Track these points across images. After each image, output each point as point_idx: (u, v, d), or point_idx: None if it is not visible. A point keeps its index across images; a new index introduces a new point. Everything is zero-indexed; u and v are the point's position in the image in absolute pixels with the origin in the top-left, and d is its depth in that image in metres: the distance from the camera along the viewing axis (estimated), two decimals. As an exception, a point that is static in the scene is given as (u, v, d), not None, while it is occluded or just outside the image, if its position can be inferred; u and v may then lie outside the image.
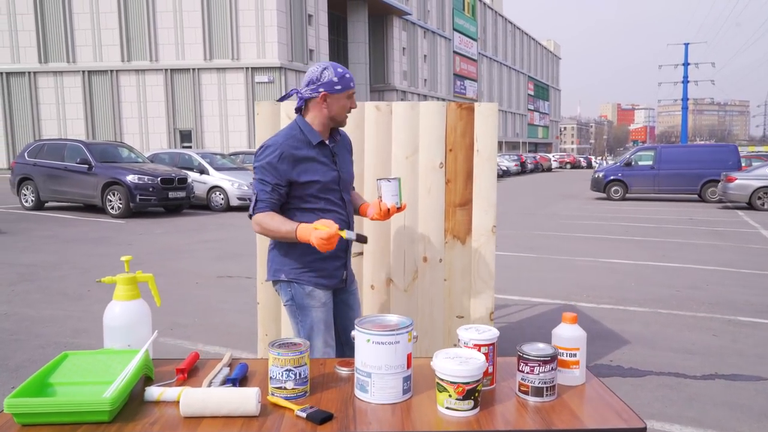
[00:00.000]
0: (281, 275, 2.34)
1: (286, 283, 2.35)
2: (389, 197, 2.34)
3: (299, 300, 2.34)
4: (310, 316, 2.32)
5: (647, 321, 5.02)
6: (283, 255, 2.34)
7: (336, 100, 2.28)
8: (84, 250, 8.35)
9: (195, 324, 4.82)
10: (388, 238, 3.00)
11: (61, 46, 38.69)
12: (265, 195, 2.24)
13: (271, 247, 2.40)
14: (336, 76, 2.26)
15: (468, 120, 2.98)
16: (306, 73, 2.32)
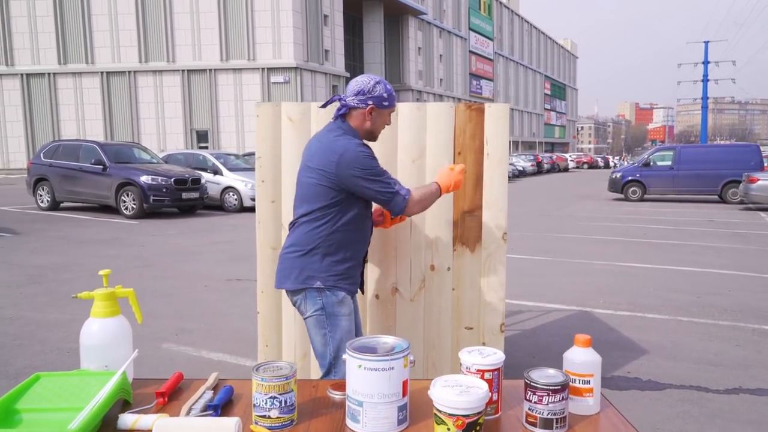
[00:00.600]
0: (315, 282, 2.27)
1: (316, 290, 2.27)
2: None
3: (330, 308, 2.28)
4: (340, 325, 2.28)
5: (667, 329, 4.84)
6: (319, 261, 2.27)
7: (380, 115, 2.32)
8: (95, 251, 8.32)
9: (200, 329, 4.73)
10: (393, 245, 2.87)
11: (80, 47, 39.07)
12: (397, 184, 2.26)
13: (299, 252, 2.29)
14: (386, 92, 2.30)
15: (478, 122, 2.84)
16: (354, 82, 2.31)
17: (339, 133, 2.25)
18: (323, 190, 2.21)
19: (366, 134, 2.33)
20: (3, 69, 39.23)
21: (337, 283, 2.27)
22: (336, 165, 2.17)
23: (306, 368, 2.91)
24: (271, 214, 2.88)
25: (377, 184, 2.20)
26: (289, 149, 2.84)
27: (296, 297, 2.31)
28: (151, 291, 6.01)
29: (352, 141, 2.22)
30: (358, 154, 2.17)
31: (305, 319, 2.33)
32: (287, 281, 2.31)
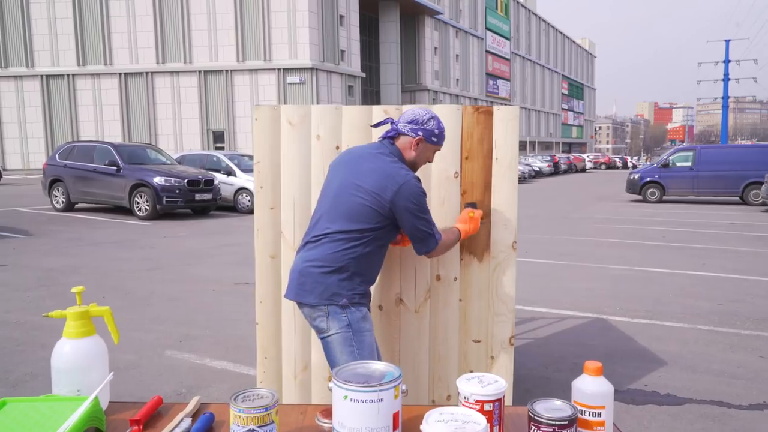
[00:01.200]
0: (341, 300, 2.20)
1: (341, 308, 2.21)
2: None
3: (356, 324, 2.22)
4: (366, 341, 2.23)
5: (686, 339, 4.66)
6: (347, 280, 2.23)
7: (425, 149, 2.34)
8: (106, 253, 8.30)
9: (205, 336, 4.64)
10: (397, 254, 2.75)
11: (98, 48, 39.45)
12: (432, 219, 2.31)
13: (328, 269, 2.22)
14: (438, 128, 2.32)
15: (486, 125, 2.71)
16: (410, 110, 2.35)
17: (394, 159, 2.26)
18: (372, 214, 2.19)
19: (408, 164, 2.32)
20: (23, 70, 39.74)
21: (362, 300, 2.27)
22: (395, 194, 2.18)
23: (306, 381, 2.80)
24: (270, 222, 2.77)
25: (421, 222, 2.23)
26: (289, 154, 2.73)
27: (318, 313, 2.22)
28: (159, 295, 5.95)
29: (411, 173, 2.23)
30: (416, 189, 2.20)
31: (327, 337, 2.23)
32: (309, 296, 2.22)
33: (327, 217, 2.25)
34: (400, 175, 2.18)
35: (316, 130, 2.71)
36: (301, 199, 2.72)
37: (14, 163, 39.82)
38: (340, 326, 2.20)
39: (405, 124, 2.30)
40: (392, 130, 2.31)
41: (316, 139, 2.71)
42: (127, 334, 4.67)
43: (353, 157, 2.30)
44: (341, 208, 2.22)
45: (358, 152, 2.32)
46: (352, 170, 2.25)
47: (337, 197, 2.24)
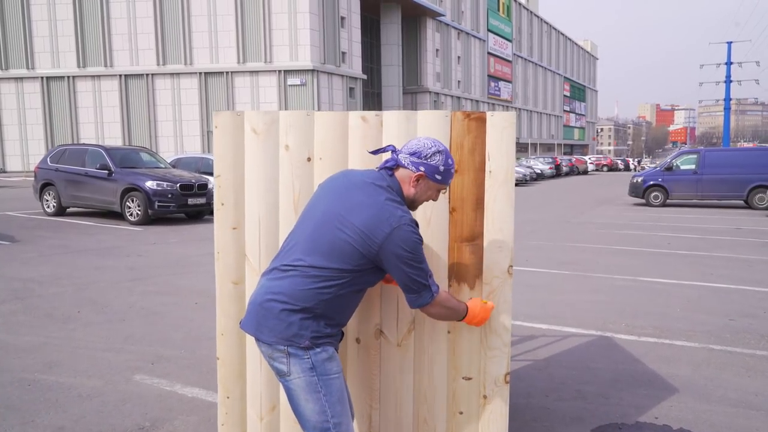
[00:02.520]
0: (303, 341, 1.94)
1: (303, 349, 1.94)
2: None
3: (321, 367, 1.96)
4: (334, 386, 1.98)
5: (698, 361, 4.33)
6: (312, 321, 1.96)
7: (428, 188, 2.11)
8: (90, 262, 7.98)
9: (179, 357, 4.32)
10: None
11: (98, 50, 39.25)
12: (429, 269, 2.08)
13: (291, 307, 1.94)
14: (443, 165, 2.08)
15: (478, 133, 2.39)
16: (416, 140, 2.10)
17: (391, 196, 2.02)
18: (355, 254, 1.93)
19: (406, 201, 2.10)
20: (24, 72, 39.53)
21: (328, 341, 2.00)
22: (385, 238, 1.91)
23: (274, 424, 2.47)
24: (233, 243, 2.44)
25: (414, 272, 2.00)
26: (254, 166, 2.40)
27: (277, 354, 1.95)
28: (138, 309, 5.63)
29: (407, 215, 1.99)
30: (411, 234, 1.96)
31: (288, 381, 1.96)
32: (267, 333, 1.95)
33: (302, 248, 1.96)
34: (394, 217, 1.92)
35: (285, 140, 2.39)
36: (268, 218, 2.40)
37: (14, 165, 39.63)
38: (302, 370, 1.93)
39: (406, 155, 2.07)
40: (392, 160, 2.09)
41: (285, 149, 2.39)
42: (96, 354, 4.35)
43: (346, 183, 2.03)
44: (321, 241, 1.94)
45: (352, 179, 2.04)
46: (342, 199, 1.98)
47: (319, 228, 1.96)
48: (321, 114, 2.39)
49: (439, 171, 2.05)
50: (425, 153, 2.04)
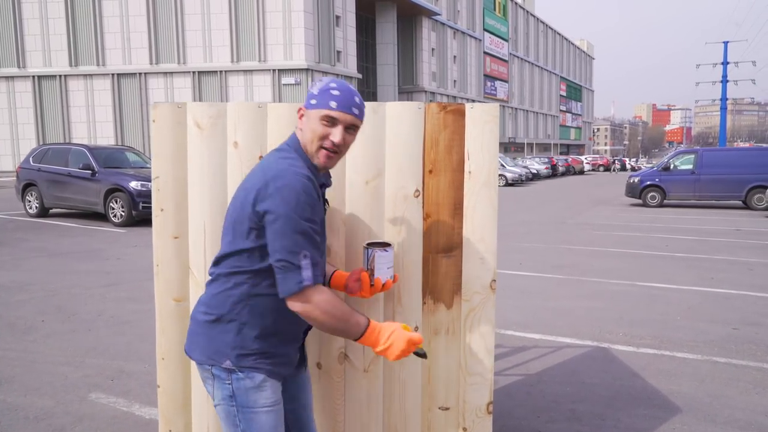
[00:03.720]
0: (224, 360, 1.61)
1: (225, 371, 1.61)
2: (384, 270, 1.87)
3: (243, 397, 1.61)
4: (257, 421, 1.61)
5: (701, 375, 4.02)
6: (233, 332, 1.61)
7: (308, 120, 1.65)
8: (66, 266, 7.65)
9: (143, 372, 3.99)
10: (340, 296, 2.11)
11: (91, 49, 38.84)
12: (317, 256, 1.57)
13: (209, 317, 1.62)
14: (320, 88, 1.64)
15: (456, 128, 2.08)
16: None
17: (285, 152, 1.64)
18: (242, 229, 1.56)
19: (306, 152, 1.67)
20: (15, 71, 39.09)
21: (255, 362, 1.63)
22: (257, 192, 1.52)
23: (223, 461, 2.16)
24: (174, 254, 2.13)
25: (283, 240, 1.50)
26: (198, 166, 2.09)
27: (204, 374, 1.66)
28: (107, 318, 5.30)
29: (294, 166, 1.56)
30: (292, 182, 1.52)
31: (216, 407, 1.68)
32: (195, 350, 1.67)
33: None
34: (273, 168, 1.54)
35: (233, 136, 2.07)
36: (214, 226, 2.08)
37: (5, 165, 39.16)
38: (222, 397, 1.63)
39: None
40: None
41: (233, 146, 2.08)
42: (53, 369, 4.02)
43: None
44: (224, 225, 1.65)
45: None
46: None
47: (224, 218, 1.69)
48: (275, 106, 2.07)
49: (314, 95, 1.63)
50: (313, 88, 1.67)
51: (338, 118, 1.60)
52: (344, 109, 1.60)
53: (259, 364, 1.62)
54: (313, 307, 1.52)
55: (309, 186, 1.53)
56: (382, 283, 1.85)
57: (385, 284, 1.86)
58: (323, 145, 1.61)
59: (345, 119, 1.61)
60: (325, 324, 1.55)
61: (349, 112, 1.61)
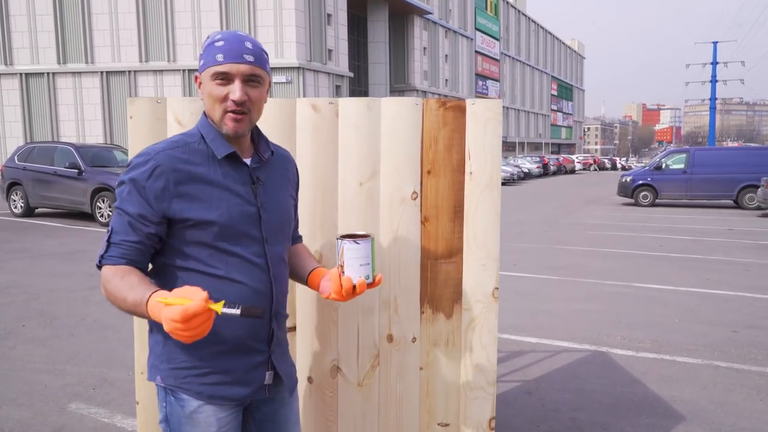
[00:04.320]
0: (157, 375, 1.43)
1: (162, 391, 1.43)
2: (356, 267, 1.48)
3: (175, 425, 1.41)
4: None
5: (703, 381, 3.92)
6: (160, 343, 1.43)
7: (204, 84, 1.42)
8: (50, 268, 7.45)
9: (126, 380, 3.83)
10: (332, 305, 1.98)
11: (79, 46, 38.42)
12: (121, 236, 1.37)
13: (149, 323, 1.45)
14: (205, 45, 1.43)
15: (456, 126, 1.94)
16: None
17: (179, 133, 1.48)
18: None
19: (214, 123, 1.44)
20: (2, 68, 38.63)
21: (186, 382, 1.40)
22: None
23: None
24: (154, 261, 1.98)
25: (115, 211, 1.40)
26: (179, 166, 1.94)
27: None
28: (90, 322, 5.13)
29: (159, 145, 1.41)
30: (134, 158, 1.41)
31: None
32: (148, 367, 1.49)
33: None
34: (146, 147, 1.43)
35: (217, 133, 1.93)
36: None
37: (-8, 163, 38.72)
38: (160, 418, 1.46)
39: None
40: None
41: (217, 145, 1.93)
42: (32, 377, 3.86)
43: None
44: None
45: None
46: None
47: None
48: (262, 101, 1.93)
49: (200, 55, 1.43)
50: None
51: (230, 72, 1.36)
52: (234, 59, 1.36)
53: (189, 384, 1.39)
54: (102, 287, 1.34)
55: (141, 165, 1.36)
56: (352, 284, 1.45)
57: (358, 285, 1.46)
58: (226, 108, 1.38)
59: (239, 71, 1.36)
60: (115, 305, 1.33)
61: (242, 61, 1.36)
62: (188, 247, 1.39)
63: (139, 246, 1.36)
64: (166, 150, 1.38)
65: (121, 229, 1.36)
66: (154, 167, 1.35)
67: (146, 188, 1.35)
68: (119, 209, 1.37)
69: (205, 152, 1.41)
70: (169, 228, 1.39)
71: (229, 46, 1.36)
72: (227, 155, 1.41)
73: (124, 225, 1.35)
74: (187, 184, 1.37)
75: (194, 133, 1.44)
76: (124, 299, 1.28)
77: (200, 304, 1.12)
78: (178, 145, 1.40)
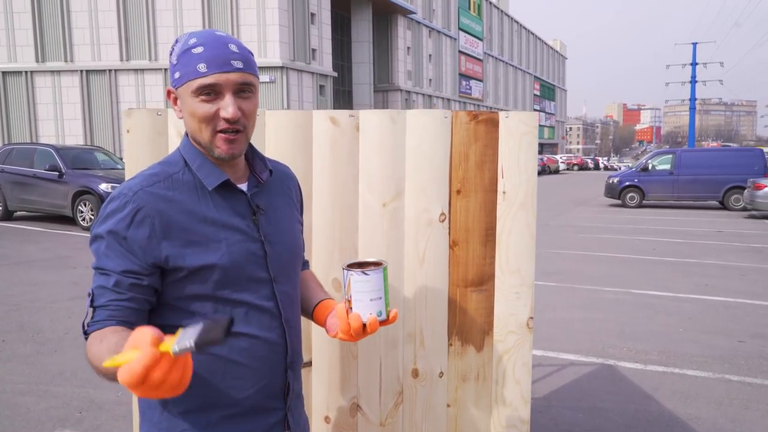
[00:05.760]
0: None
1: None
2: (366, 302, 1.23)
3: None
4: None
5: (717, 397, 3.79)
6: (157, 410, 1.19)
7: (183, 102, 1.17)
8: (29, 276, 7.16)
9: (115, 403, 3.61)
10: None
11: (58, 44, 37.70)
12: (105, 297, 1.10)
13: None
14: (178, 53, 1.16)
15: (488, 141, 1.77)
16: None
17: (154, 164, 1.22)
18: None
19: (195, 143, 1.20)
20: (-23, 67, 37.82)
21: None
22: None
23: None
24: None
25: (93, 279, 1.13)
26: (182, 186, 1.75)
27: None
28: (75, 336, 4.89)
29: (134, 181, 1.16)
30: (106, 201, 1.15)
31: None
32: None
33: None
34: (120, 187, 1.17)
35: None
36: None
37: (-32, 163, 37.85)
38: None
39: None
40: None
41: (225, 162, 1.74)
42: (13, 400, 3.62)
43: None
44: None
45: None
46: None
47: None
48: (274, 114, 1.74)
49: (173, 65, 1.18)
50: (170, 60, 1.20)
51: (218, 83, 1.12)
52: (220, 67, 1.12)
53: None
54: (88, 350, 1.07)
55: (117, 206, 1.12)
56: (361, 323, 1.22)
57: (368, 324, 1.23)
58: (216, 128, 1.15)
59: (229, 81, 1.13)
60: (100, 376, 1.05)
61: (230, 69, 1.13)
62: (186, 302, 1.15)
63: (130, 303, 1.10)
64: (145, 188, 1.13)
65: (105, 291, 1.10)
66: (134, 212, 1.11)
67: (128, 239, 1.10)
68: (99, 269, 1.11)
69: (192, 183, 1.17)
70: (161, 280, 1.15)
71: (212, 52, 1.12)
72: (219, 184, 1.18)
73: (108, 286, 1.10)
74: (176, 226, 1.13)
75: (176, 160, 1.20)
76: (98, 368, 1.02)
77: (148, 353, 0.82)
78: (158, 179, 1.16)
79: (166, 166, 1.19)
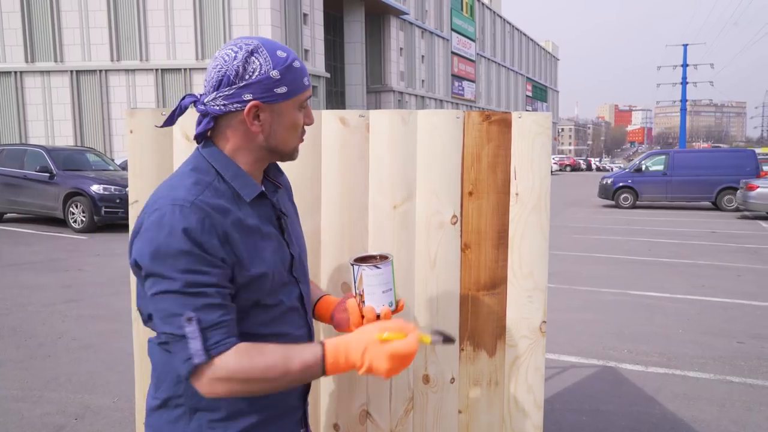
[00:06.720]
0: None
1: None
2: (378, 295, 1.29)
3: None
4: None
5: (720, 399, 3.77)
6: (186, 420, 1.14)
7: (279, 115, 1.15)
8: (20, 279, 7.07)
9: (112, 408, 3.55)
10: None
11: (48, 45, 37.44)
12: (215, 314, 1.04)
13: (154, 403, 1.18)
14: (276, 66, 1.13)
15: (500, 142, 1.73)
16: (213, 64, 1.16)
17: (184, 173, 1.14)
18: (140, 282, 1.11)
19: (268, 155, 1.19)
20: (-34, 67, 37.47)
21: None
22: (131, 242, 1.11)
23: None
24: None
25: (158, 300, 1.04)
26: (187, 188, 1.70)
27: None
28: (68, 340, 4.81)
29: (174, 189, 1.09)
30: (154, 216, 1.06)
31: None
32: None
33: None
34: (149, 205, 1.10)
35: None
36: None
37: (-43, 165, 37.47)
38: None
39: (214, 94, 1.14)
40: (205, 120, 1.16)
41: (231, 163, 1.69)
42: (7, 406, 3.55)
43: None
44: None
45: None
46: None
47: None
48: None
49: (275, 80, 1.13)
50: (235, 70, 1.12)
51: (310, 93, 1.22)
52: (309, 81, 1.20)
53: None
54: (218, 384, 1.03)
55: (193, 214, 1.05)
56: (376, 314, 1.27)
57: (382, 315, 1.28)
58: (299, 134, 1.21)
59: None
60: (255, 393, 1.08)
61: (310, 83, 1.23)
62: (242, 314, 1.13)
63: (233, 315, 1.09)
64: (198, 197, 1.08)
65: (211, 308, 1.04)
66: (201, 221, 1.05)
67: (208, 251, 1.05)
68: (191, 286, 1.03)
69: (228, 192, 1.14)
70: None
71: (301, 63, 1.18)
72: (256, 196, 1.17)
73: (211, 301, 1.04)
74: (232, 236, 1.09)
75: (205, 167, 1.14)
76: (285, 371, 1.05)
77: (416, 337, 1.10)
78: (204, 188, 1.10)
79: (201, 174, 1.14)
